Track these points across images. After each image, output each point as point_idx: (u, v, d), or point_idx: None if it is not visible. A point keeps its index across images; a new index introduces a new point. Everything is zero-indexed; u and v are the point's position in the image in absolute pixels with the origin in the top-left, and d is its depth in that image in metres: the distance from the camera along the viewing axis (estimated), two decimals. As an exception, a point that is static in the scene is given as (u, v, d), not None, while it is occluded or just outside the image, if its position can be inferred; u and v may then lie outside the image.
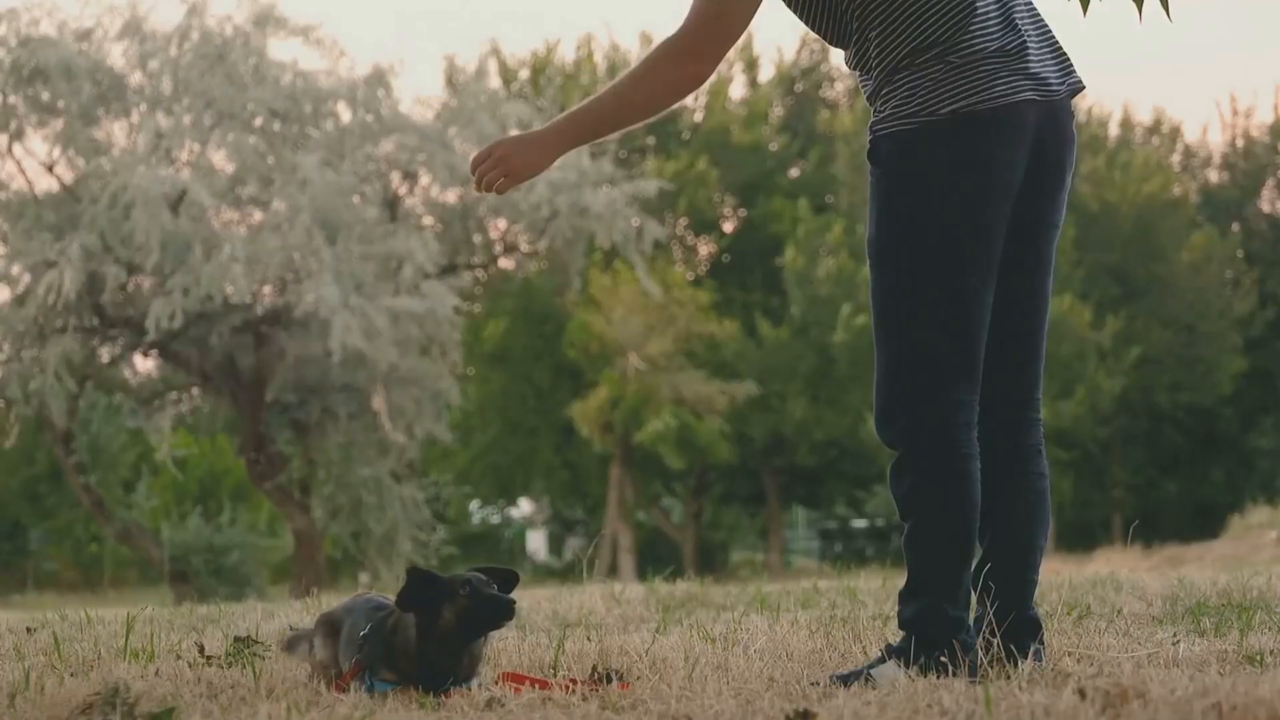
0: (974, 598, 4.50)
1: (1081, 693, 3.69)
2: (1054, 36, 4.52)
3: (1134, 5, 4.31)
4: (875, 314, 4.46)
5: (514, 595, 4.43)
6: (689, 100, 46.91)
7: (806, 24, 4.56)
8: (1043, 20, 4.52)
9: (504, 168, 4.56)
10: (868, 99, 4.50)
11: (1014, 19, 4.40)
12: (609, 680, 4.38)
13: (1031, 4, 4.52)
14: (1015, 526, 4.56)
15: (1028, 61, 4.37)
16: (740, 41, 36.51)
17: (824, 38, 4.57)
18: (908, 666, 4.29)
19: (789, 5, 4.53)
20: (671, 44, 4.44)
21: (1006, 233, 4.41)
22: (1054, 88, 4.43)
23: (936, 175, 4.32)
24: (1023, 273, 4.52)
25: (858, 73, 4.54)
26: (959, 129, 4.30)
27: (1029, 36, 4.41)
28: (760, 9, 4.41)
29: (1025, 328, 4.57)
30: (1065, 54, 4.51)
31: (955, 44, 4.32)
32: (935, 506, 4.36)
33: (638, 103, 4.53)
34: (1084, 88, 4.55)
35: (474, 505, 52.34)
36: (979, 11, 4.35)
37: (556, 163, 4.64)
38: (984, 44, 4.33)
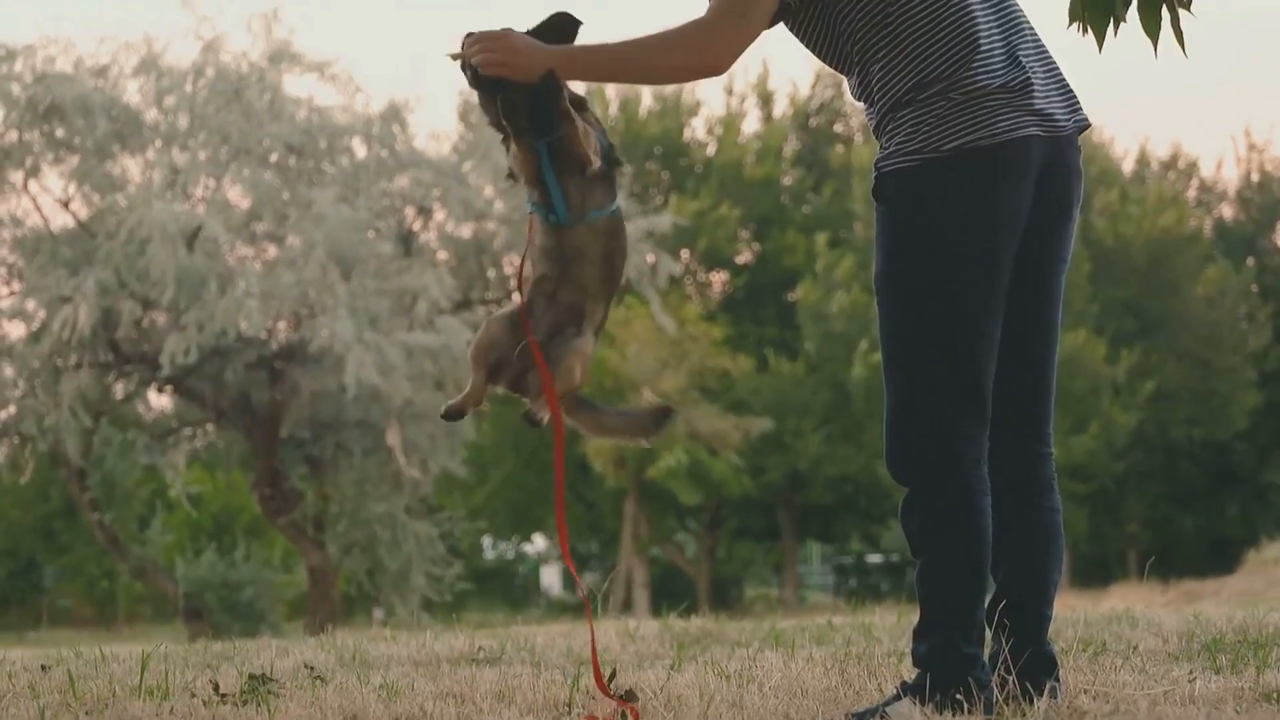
0: (989, 634, 4.49)
1: (1097, 731, 3.68)
2: (1061, 74, 4.52)
3: (1149, 40, 4.33)
4: (884, 350, 4.47)
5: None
6: (702, 135, 47.18)
7: (809, 48, 4.56)
8: (1050, 57, 4.52)
9: (507, 57, 4.41)
10: (873, 132, 4.52)
11: (1018, 56, 4.40)
12: (630, 697, 4.40)
13: (1039, 41, 4.52)
14: (1028, 561, 4.56)
15: (1032, 98, 4.37)
16: (755, 76, 35.88)
17: (827, 64, 4.58)
18: (923, 704, 4.28)
19: (794, 31, 4.53)
20: (692, 33, 4.39)
21: (1015, 269, 4.42)
22: (1060, 123, 4.43)
23: (941, 211, 4.33)
24: (1032, 308, 4.52)
25: (862, 103, 4.55)
26: (962, 165, 4.30)
27: (1034, 73, 4.41)
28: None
29: (1035, 362, 4.56)
30: (1072, 91, 4.52)
31: (958, 80, 4.32)
32: (947, 543, 4.36)
33: (646, 73, 4.50)
34: (1090, 125, 4.56)
35: (486, 540, 52.29)
36: (983, 48, 4.36)
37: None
38: (987, 80, 4.33)
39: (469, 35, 4.48)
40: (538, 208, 4.56)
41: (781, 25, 4.55)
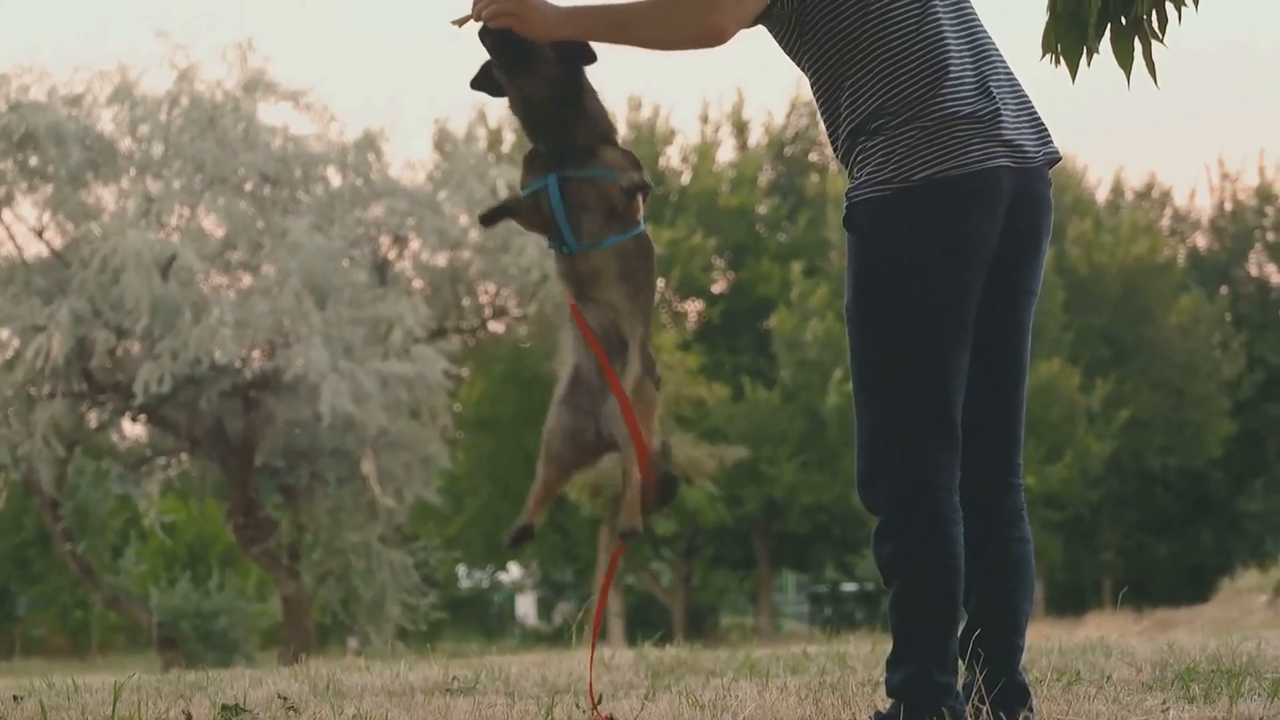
0: (961, 664, 4.49)
1: (1070, 760, 3.68)
2: (1032, 106, 4.52)
3: (1122, 71, 4.35)
4: (854, 379, 4.47)
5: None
6: (677, 163, 47.21)
7: (787, 53, 4.53)
8: (1021, 90, 4.52)
9: (516, 8, 4.36)
10: (840, 159, 4.51)
11: (989, 87, 4.40)
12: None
13: (1011, 73, 4.52)
14: (999, 592, 4.55)
15: (1001, 128, 4.38)
16: (730, 105, 35.98)
17: (801, 69, 4.54)
18: (897, 734, 4.28)
19: (774, 34, 4.51)
20: None
21: (984, 300, 4.42)
22: (1030, 155, 4.43)
23: (910, 241, 4.33)
24: (1001, 339, 4.52)
25: (823, 118, 4.51)
26: (933, 195, 4.31)
27: (1005, 105, 4.41)
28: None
29: (1004, 393, 4.57)
30: (1043, 124, 4.52)
31: (927, 107, 4.33)
32: (919, 571, 4.36)
33: (647, 34, 4.44)
34: (1061, 158, 4.57)
35: (461, 570, 52.19)
36: (953, 75, 4.36)
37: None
38: (955, 108, 4.33)
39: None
40: (550, 241, 4.55)
41: (773, 37, 4.55)
